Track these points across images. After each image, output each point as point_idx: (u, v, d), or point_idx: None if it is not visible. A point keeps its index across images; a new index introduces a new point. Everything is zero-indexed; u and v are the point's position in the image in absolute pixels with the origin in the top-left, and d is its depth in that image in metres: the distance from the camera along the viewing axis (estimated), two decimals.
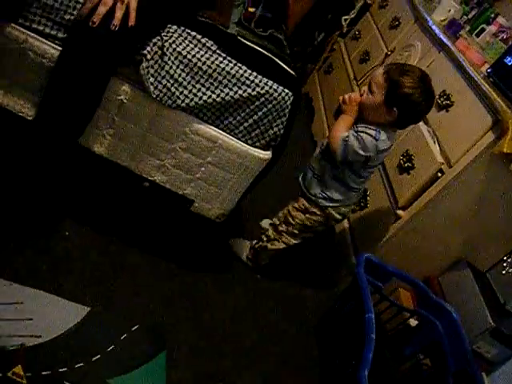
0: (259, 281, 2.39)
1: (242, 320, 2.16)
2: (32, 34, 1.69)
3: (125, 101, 1.79)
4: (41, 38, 1.69)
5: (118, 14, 1.58)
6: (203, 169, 1.93)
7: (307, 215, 2.28)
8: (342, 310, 2.28)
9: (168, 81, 1.75)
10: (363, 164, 2.15)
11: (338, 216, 2.28)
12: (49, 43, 1.70)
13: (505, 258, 2.51)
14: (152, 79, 1.73)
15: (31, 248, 1.84)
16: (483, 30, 3.07)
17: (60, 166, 1.82)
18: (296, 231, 2.32)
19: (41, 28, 1.68)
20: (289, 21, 2.53)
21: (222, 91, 1.80)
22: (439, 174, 2.34)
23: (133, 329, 1.84)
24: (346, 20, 3.04)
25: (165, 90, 1.75)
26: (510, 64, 2.41)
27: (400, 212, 2.43)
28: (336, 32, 4.09)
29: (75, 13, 1.65)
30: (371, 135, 2.06)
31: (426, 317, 2.28)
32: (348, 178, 2.20)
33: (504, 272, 2.48)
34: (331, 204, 2.25)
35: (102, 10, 1.57)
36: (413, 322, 2.40)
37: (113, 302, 1.88)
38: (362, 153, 2.08)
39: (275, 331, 2.23)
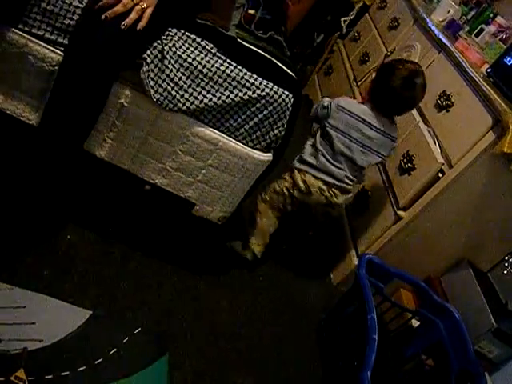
0: (261, 282, 2.38)
1: (244, 322, 2.16)
2: (32, 39, 1.69)
3: (125, 104, 1.80)
4: (41, 43, 1.70)
5: (133, 15, 1.60)
6: (204, 171, 1.93)
7: (278, 180, 2.34)
8: (344, 311, 2.28)
9: (168, 84, 1.75)
10: (325, 118, 2.25)
11: (301, 184, 2.26)
12: (49, 47, 1.71)
13: (506, 257, 2.51)
14: (152, 83, 1.73)
15: (33, 252, 1.84)
16: (482, 30, 3.08)
17: (63, 170, 1.82)
18: (267, 196, 2.35)
19: (41, 33, 1.69)
20: (288, 22, 2.54)
21: (222, 94, 1.80)
22: (440, 175, 2.34)
23: (135, 332, 1.84)
24: (345, 21, 3.04)
25: (165, 94, 1.75)
26: (509, 64, 2.41)
27: (401, 213, 2.44)
28: (335, 33, 4.09)
29: (75, 18, 1.66)
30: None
31: (427, 317, 2.28)
32: (317, 139, 2.27)
33: (506, 272, 2.48)
34: (300, 166, 2.28)
35: (119, 9, 1.58)
36: (415, 323, 2.40)
37: (115, 306, 1.88)
38: (325, 103, 2.27)
39: (277, 333, 2.23)
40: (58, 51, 1.71)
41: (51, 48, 1.71)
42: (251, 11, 2.07)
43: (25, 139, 1.77)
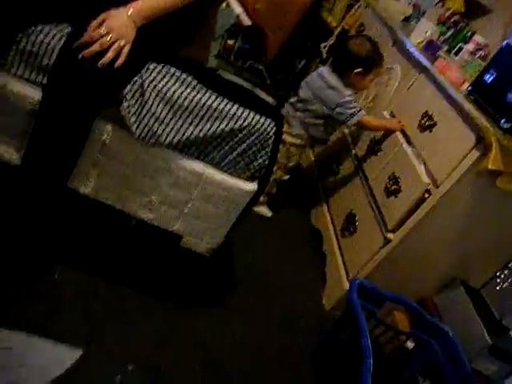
0: (253, 310, 2.37)
1: (237, 350, 2.14)
2: (12, 79, 1.69)
3: (108, 140, 1.79)
4: (21, 83, 1.69)
5: (111, 54, 1.59)
6: (190, 204, 1.92)
7: None
8: (338, 336, 2.26)
9: (150, 119, 1.75)
10: None
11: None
12: (29, 87, 1.70)
13: (498, 273, 2.52)
14: (134, 118, 1.73)
15: (20, 292, 1.82)
16: (461, 48, 3.10)
17: (47, 209, 1.80)
18: None
19: (20, 73, 1.68)
20: (268, 51, 2.56)
21: (204, 126, 1.80)
22: (426, 195, 2.34)
23: (128, 368, 1.82)
24: (324, 47, 3.07)
25: (147, 129, 1.75)
26: (489, 81, 2.43)
27: (390, 235, 2.43)
28: (316, 59, 4.12)
29: (54, 57, 1.66)
30: None
31: (422, 338, 2.28)
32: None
33: (498, 288, 2.49)
34: None
35: (96, 47, 1.58)
36: (410, 345, 2.38)
37: (106, 343, 1.86)
38: None
39: (272, 360, 2.21)
40: (38, 90, 1.70)
41: (32, 88, 1.70)
42: (230, 42, 2.08)
43: (8, 179, 1.76)
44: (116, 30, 1.60)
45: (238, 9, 2.48)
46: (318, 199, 3.31)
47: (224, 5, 2.32)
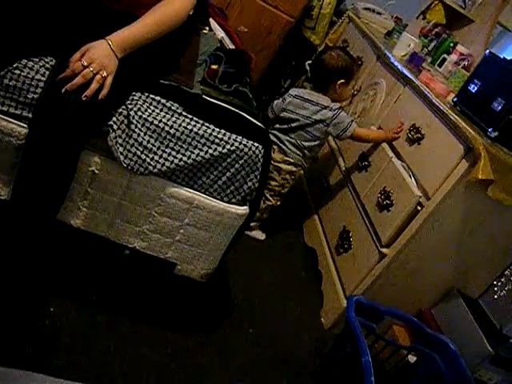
0: (250, 335, 2.35)
1: (239, 378, 2.12)
2: None
3: (96, 171, 1.79)
4: (6, 118, 1.69)
5: (94, 86, 1.59)
6: (182, 231, 1.92)
7: None
8: (338, 355, 2.25)
9: (137, 148, 1.75)
10: None
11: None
12: (15, 122, 1.70)
13: (495, 282, 2.52)
14: (121, 149, 1.73)
15: (16, 329, 1.80)
16: (444, 59, 3.14)
17: (38, 243, 1.79)
18: None
19: (5, 109, 1.68)
20: (253, 73, 2.56)
21: (192, 153, 1.80)
22: (419, 208, 2.34)
23: None
24: (309, 65, 3.09)
25: (135, 158, 1.75)
26: (474, 91, 2.45)
27: (384, 250, 2.43)
28: (302, 77, 4.14)
29: (38, 91, 1.66)
30: None
31: (423, 351, 2.26)
32: None
33: (496, 296, 2.48)
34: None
35: (79, 80, 1.58)
36: (411, 359, 2.37)
37: (106, 375, 1.84)
38: None
39: (272, 381, 2.20)
40: (24, 125, 1.70)
41: (17, 122, 1.70)
42: (214, 66, 2.08)
43: None
44: (97, 60, 1.60)
45: (220, 33, 2.49)
46: (311, 217, 3.31)
47: (206, 30, 2.34)
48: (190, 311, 2.28)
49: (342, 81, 2.89)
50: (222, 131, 1.82)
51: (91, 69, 1.59)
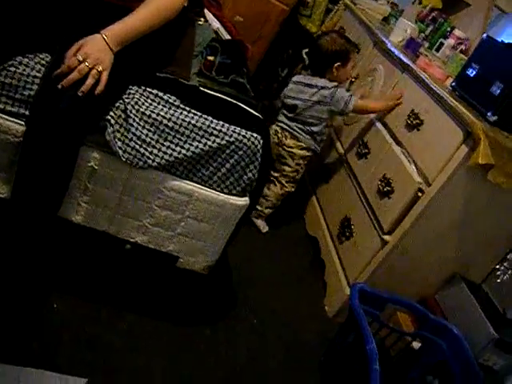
0: (255, 326, 2.35)
1: (245, 366, 2.13)
2: None
3: (95, 167, 1.78)
4: (3, 115, 1.68)
5: (90, 81, 1.58)
6: (183, 223, 1.92)
7: None
8: (343, 343, 2.25)
9: (136, 142, 1.74)
10: None
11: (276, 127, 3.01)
12: (12, 119, 1.69)
13: (497, 266, 2.52)
14: (119, 143, 1.72)
15: (20, 325, 1.80)
16: (442, 44, 3.12)
17: (40, 240, 1.79)
18: None
19: (1, 106, 1.67)
20: (250, 63, 2.55)
21: (191, 145, 1.79)
22: (419, 194, 2.33)
23: None
24: (306, 53, 3.09)
25: (134, 152, 1.74)
26: (472, 75, 2.43)
27: (386, 237, 2.42)
28: (299, 65, 4.13)
29: (34, 88, 1.65)
30: None
31: (428, 338, 2.26)
32: None
33: (499, 280, 2.48)
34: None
35: (75, 75, 1.57)
36: (416, 345, 2.37)
37: (111, 369, 1.84)
38: None
39: (280, 374, 2.20)
40: (22, 122, 1.69)
41: (14, 120, 1.69)
42: (210, 58, 2.07)
43: None
44: (92, 55, 1.59)
45: (216, 24, 2.47)
46: (312, 207, 3.30)
47: (202, 21, 2.32)
48: (193, 304, 2.28)
49: (339, 63, 2.96)
50: (220, 123, 1.82)
51: (87, 64, 1.58)
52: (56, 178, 1.69)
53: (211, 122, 1.81)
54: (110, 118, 1.70)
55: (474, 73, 2.42)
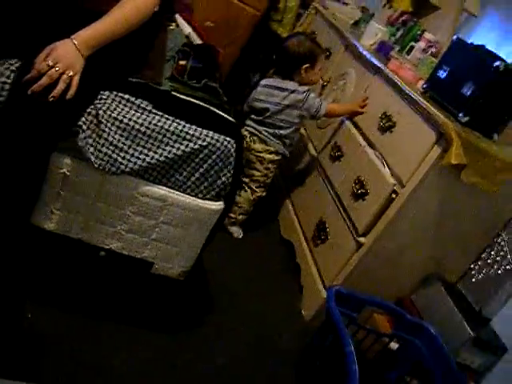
0: (232, 332, 2.34)
1: (221, 372, 2.12)
2: None
3: (68, 173, 1.76)
4: None
5: (61, 86, 1.57)
6: (157, 229, 1.90)
7: None
8: (320, 344, 2.25)
9: (108, 148, 1.73)
10: None
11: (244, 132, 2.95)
12: None
13: (472, 265, 2.53)
14: (92, 149, 1.71)
15: None
16: (412, 47, 3.13)
17: (12, 248, 1.76)
18: None
19: None
20: (221, 67, 2.54)
21: (163, 150, 1.79)
22: (393, 196, 2.35)
23: None
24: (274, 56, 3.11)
25: (106, 158, 1.73)
26: (443, 77, 2.46)
27: (361, 239, 2.43)
28: (270, 70, 4.13)
29: (4, 94, 1.63)
30: None
31: (405, 338, 2.27)
32: None
33: (474, 280, 2.50)
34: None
35: (45, 81, 1.55)
36: (393, 346, 2.38)
37: (94, 376, 1.82)
38: None
39: (255, 378, 2.20)
40: None
41: None
42: (182, 62, 2.07)
43: None
44: (63, 60, 1.57)
45: (187, 29, 2.47)
46: (286, 210, 3.30)
47: (173, 26, 2.32)
48: (169, 310, 2.26)
49: (307, 65, 2.95)
50: (193, 127, 1.81)
51: (57, 69, 1.56)
52: (27, 185, 1.67)
53: (184, 126, 1.80)
54: (81, 123, 1.68)
55: (445, 74, 2.45)
